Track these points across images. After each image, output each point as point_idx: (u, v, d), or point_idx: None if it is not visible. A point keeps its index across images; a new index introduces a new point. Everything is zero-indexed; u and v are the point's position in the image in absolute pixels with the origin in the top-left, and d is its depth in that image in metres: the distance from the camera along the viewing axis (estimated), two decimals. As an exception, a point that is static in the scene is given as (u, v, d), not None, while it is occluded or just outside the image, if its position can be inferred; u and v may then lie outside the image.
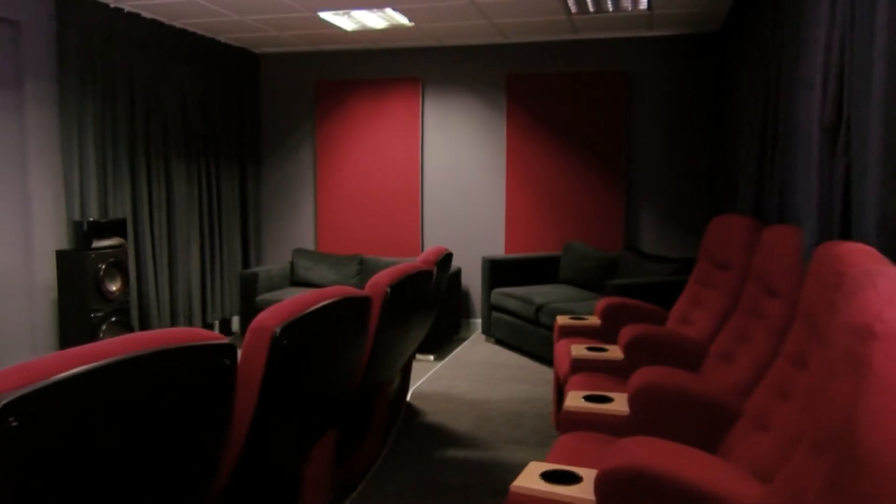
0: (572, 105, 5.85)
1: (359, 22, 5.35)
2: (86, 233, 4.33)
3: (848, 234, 2.00)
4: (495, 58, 6.03)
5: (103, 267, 4.37)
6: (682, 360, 2.80)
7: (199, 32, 5.74)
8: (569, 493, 1.68)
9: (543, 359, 4.84)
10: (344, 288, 2.33)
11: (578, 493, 1.68)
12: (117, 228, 4.58)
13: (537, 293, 5.05)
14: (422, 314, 3.25)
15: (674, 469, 1.57)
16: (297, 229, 6.66)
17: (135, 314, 4.97)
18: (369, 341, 2.60)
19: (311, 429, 2.34)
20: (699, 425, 2.18)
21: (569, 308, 4.58)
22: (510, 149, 6.02)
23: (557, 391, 3.61)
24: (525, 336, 5.00)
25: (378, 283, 2.59)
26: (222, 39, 6.03)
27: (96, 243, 4.38)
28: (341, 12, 5.09)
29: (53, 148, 4.49)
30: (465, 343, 5.58)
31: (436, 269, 3.37)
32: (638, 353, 2.84)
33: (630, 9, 4.93)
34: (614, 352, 2.96)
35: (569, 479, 1.76)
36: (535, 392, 4.23)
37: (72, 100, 4.52)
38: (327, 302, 2.13)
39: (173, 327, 1.68)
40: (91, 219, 4.49)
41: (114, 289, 4.46)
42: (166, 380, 1.58)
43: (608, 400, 2.36)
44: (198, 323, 5.80)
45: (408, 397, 4.11)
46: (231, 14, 5.15)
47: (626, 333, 2.91)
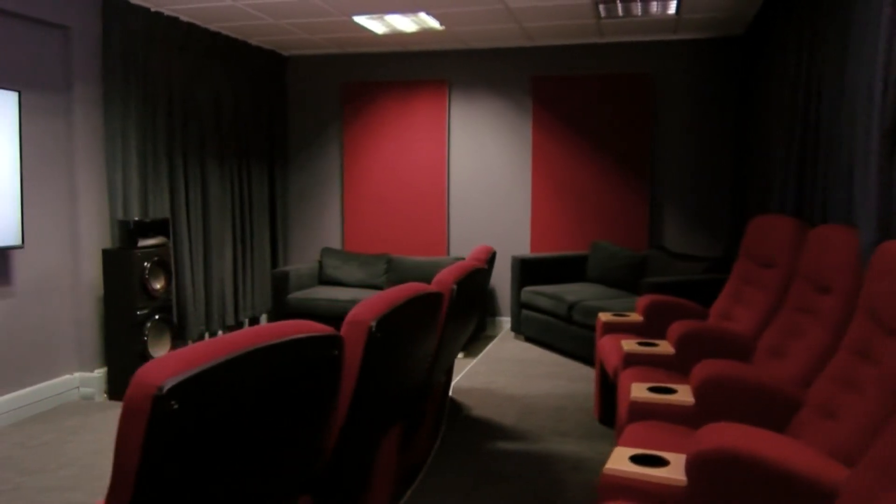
0: (597, 107, 5.97)
1: (390, 25, 5.46)
2: (131, 232, 4.43)
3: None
4: (520, 60, 6.15)
5: (148, 266, 4.47)
6: (730, 354, 2.90)
7: (232, 35, 5.84)
8: (660, 475, 1.79)
9: (576, 355, 4.96)
10: (418, 284, 2.44)
11: (669, 475, 1.79)
12: (160, 228, 4.68)
13: (568, 291, 5.16)
14: (475, 310, 3.37)
15: (763, 451, 1.68)
16: (323, 229, 6.76)
17: (173, 312, 5.07)
18: (437, 335, 2.71)
19: (390, 418, 2.45)
20: (763, 414, 2.29)
21: (601, 306, 4.69)
22: (535, 149, 6.13)
23: (601, 385, 3.72)
24: (557, 333, 5.11)
25: (444, 280, 2.70)
26: (253, 42, 6.14)
27: (141, 242, 4.48)
28: (375, 16, 5.21)
29: (98, 149, 4.58)
30: (494, 340, 5.69)
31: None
32: (689, 348, 2.95)
33: (659, 13, 5.04)
34: (664, 347, 3.07)
35: (656, 462, 1.87)
36: (573, 387, 4.35)
37: (115, 102, 4.62)
38: (412, 296, 2.24)
39: (283, 322, 1.79)
40: (136, 218, 4.59)
41: (157, 287, 4.56)
42: (291, 367, 1.68)
43: (671, 391, 2.48)
44: (231, 321, 5.90)
45: (449, 392, 4.22)
46: (266, 18, 5.26)
47: (676, 329, 3.02)
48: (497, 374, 4.68)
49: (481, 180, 6.32)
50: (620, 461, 1.87)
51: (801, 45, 3.50)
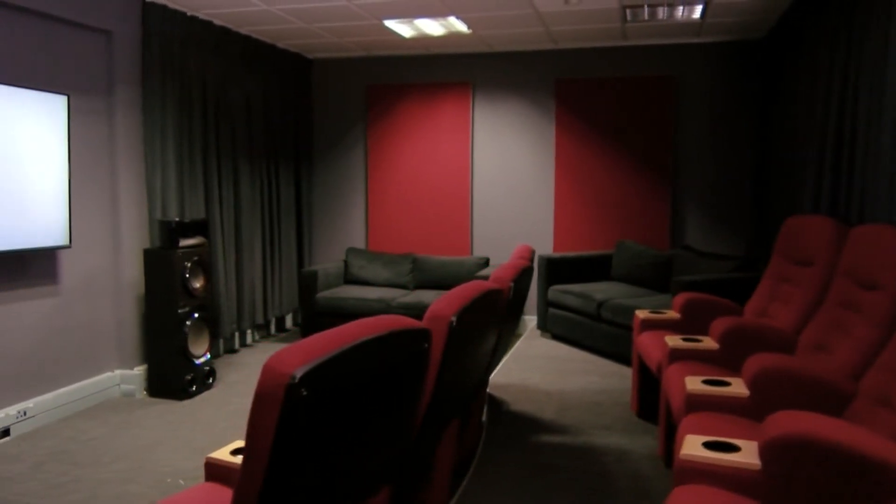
0: (620, 108, 6.07)
1: (418, 29, 5.56)
2: (173, 232, 4.52)
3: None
4: (544, 63, 6.25)
5: (189, 265, 4.56)
6: (773, 349, 3.00)
7: (262, 39, 5.94)
8: (735, 460, 1.89)
9: (604, 352, 5.06)
10: (482, 282, 2.54)
11: (744, 459, 1.90)
12: (199, 228, 4.77)
13: (595, 290, 5.27)
14: (522, 308, 3.47)
15: (836, 436, 1.78)
16: (347, 229, 6.86)
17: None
18: (497, 331, 2.81)
19: (456, 410, 2.56)
20: (815, 404, 2.39)
21: (630, 304, 4.80)
22: (559, 151, 6.24)
23: (639, 380, 3.83)
24: (585, 331, 5.22)
25: (503, 277, 2.80)
26: (280, 45, 6.23)
27: (182, 242, 4.57)
28: (405, 20, 5.31)
29: (137, 150, 4.68)
30: (522, 338, 5.80)
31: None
32: (733, 343, 3.06)
33: (684, 18, 5.15)
34: (707, 342, 3.18)
35: (727, 448, 1.97)
36: (606, 383, 4.45)
37: (154, 104, 4.72)
38: (482, 292, 2.34)
39: (379, 317, 1.89)
40: (177, 219, 4.68)
41: (197, 286, 4.65)
42: (392, 358, 1.79)
43: (725, 384, 2.58)
44: (259, 320, 5.99)
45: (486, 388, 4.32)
46: (298, 21, 5.36)
47: (720, 325, 3.13)
48: (530, 370, 4.79)
49: (505, 181, 6.42)
50: (694, 447, 1.98)
51: (835, 44, 3.59)
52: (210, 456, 2.23)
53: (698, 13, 5.04)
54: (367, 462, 1.86)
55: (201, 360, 4.66)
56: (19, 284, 3.95)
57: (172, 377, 4.50)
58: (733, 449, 1.97)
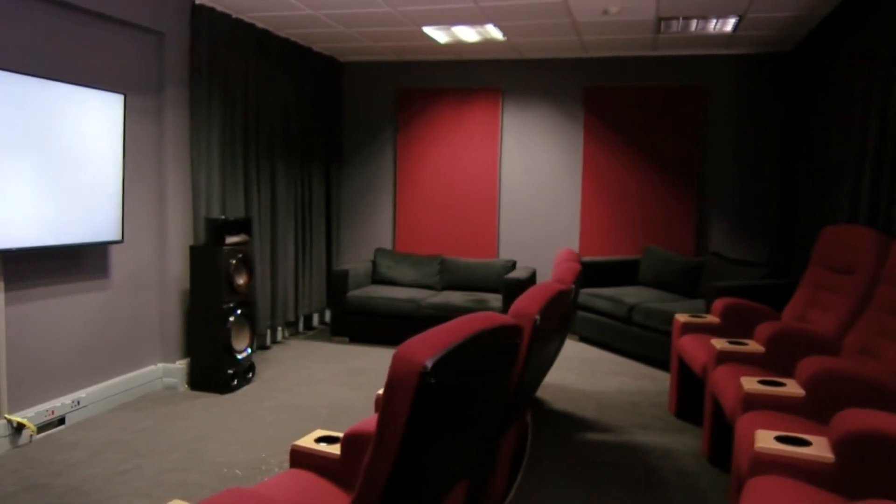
0: (647, 117, 6.21)
1: (454, 35, 5.69)
2: (219, 229, 4.64)
3: None
4: (573, 70, 6.38)
5: (233, 262, 4.67)
6: (818, 352, 3.13)
7: (298, 42, 6.06)
8: (810, 453, 2.01)
9: (635, 355, 5.18)
10: (553, 283, 2.66)
11: (817, 452, 2.02)
12: (243, 226, 4.89)
13: (625, 294, 5.39)
14: (574, 310, 3.59)
15: (908, 432, 1.91)
16: (374, 230, 6.98)
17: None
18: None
19: (528, 404, 2.67)
20: (870, 405, 2.51)
21: (662, 308, 4.92)
22: (586, 156, 6.37)
23: (678, 381, 3.95)
24: (615, 334, 5.34)
25: (565, 278, 2.92)
26: (315, 48, 6.35)
27: (227, 240, 4.69)
28: (443, 26, 5.43)
29: (184, 149, 4.79)
30: (549, 340, 5.92)
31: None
32: (779, 347, 3.18)
33: (717, 31, 5.28)
34: (753, 345, 3.30)
35: (799, 443, 2.09)
36: (640, 385, 4.58)
37: (201, 105, 4.83)
38: (558, 292, 2.46)
39: (477, 313, 2.01)
40: (222, 217, 4.80)
41: (241, 282, 4.76)
42: (495, 350, 1.90)
43: (780, 384, 2.70)
44: (291, 317, 6.10)
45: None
46: (338, 26, 5.48)
47: (765, 329, 3.25)
48: (564, 371, 4.91)
49: (532, 185, 6.55)
50: (768, 441, 2.10)
51: (875, 57, 3.72)
52: (296, 444, 2.34)
53: (731, 27, 5.17)
54: (466, 451, 1.97)
55: (242, 355, 4.77)
56: (75, 277, 4.06)
57: (215, 371, 4.61)
58: (804, 443, 2.09)
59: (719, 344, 3.31)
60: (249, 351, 4.86)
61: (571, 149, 6.45)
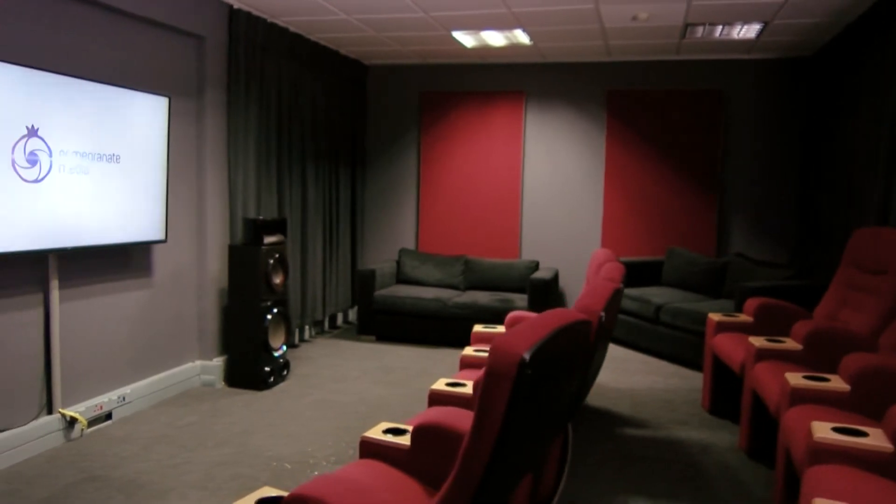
0: (669, 120, 6.31)
1: (481, 40, 5.79)
2: (258, 229, 4.73)
3: None
4: (596, 74, 6.49)
5: (271, 262, 4.77)
6: (855, 350, 3.23)
7: (328, 45, 6.16)
8: (869, 443, 2.12)
9: (662, 354, 5.28)
10: (608, 282, 2.76)
11: (875, 443, 2.12)
12: (280, 227, 4.99)
13: (651, 294, 5.50)
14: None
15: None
16: (398, 230, 7.08)
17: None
18: (607, 328, 3.03)
19: (585, 396, 2.78)
20: (914, 400, 2.62)
21: (689, 308, 5.02)
22: (609, 159, 6.48)
23: (711, 378, 4.05)
24: (641, 334, 5.44)
25: (615, 277, 3.02)
26: (343, 51, 6.45)
27: (265, 239, 4.78)
28: (473, 31, 5.53)
29: (222, 151, 4.89)
30: (574, 339, 6.02)
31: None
32: (817, 345, 3.28)
33: (742, 36, 5.39)
34: (791, 343, 3.40)
35: (856, 434, 2.20)
36: (671, 383, 4.68)
37: (238, 107, 4.93)
38: (616, 290, 2.56)
39: (557, 308, 2.11)
40: (261, 217, 4.89)
41: (278, 281, 4.86)
42: (574, 344, 2.01)
43: (825, 379, 2.81)
44: (319, 316, 6.20)
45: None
46: (369, 30, 5.58)
47: (802, 328, 3.35)
48: (592, 369, 5.01)
49: (554, 188, 6.65)
50: (825, 432, 2.20)
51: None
52: (365, 435, 2.45)
53: (755, 32, 5.28)
54: (545, 441, 2.07)
55: (279, 352, 4.87)
56: (122, 276, 4.16)
57: (252, 368, 4.71)
58: (861, 434, 2.19)
59: (758, 342, 3.41)
60: (285, 349, 4.96)
61: (594, 151, 6.55)
